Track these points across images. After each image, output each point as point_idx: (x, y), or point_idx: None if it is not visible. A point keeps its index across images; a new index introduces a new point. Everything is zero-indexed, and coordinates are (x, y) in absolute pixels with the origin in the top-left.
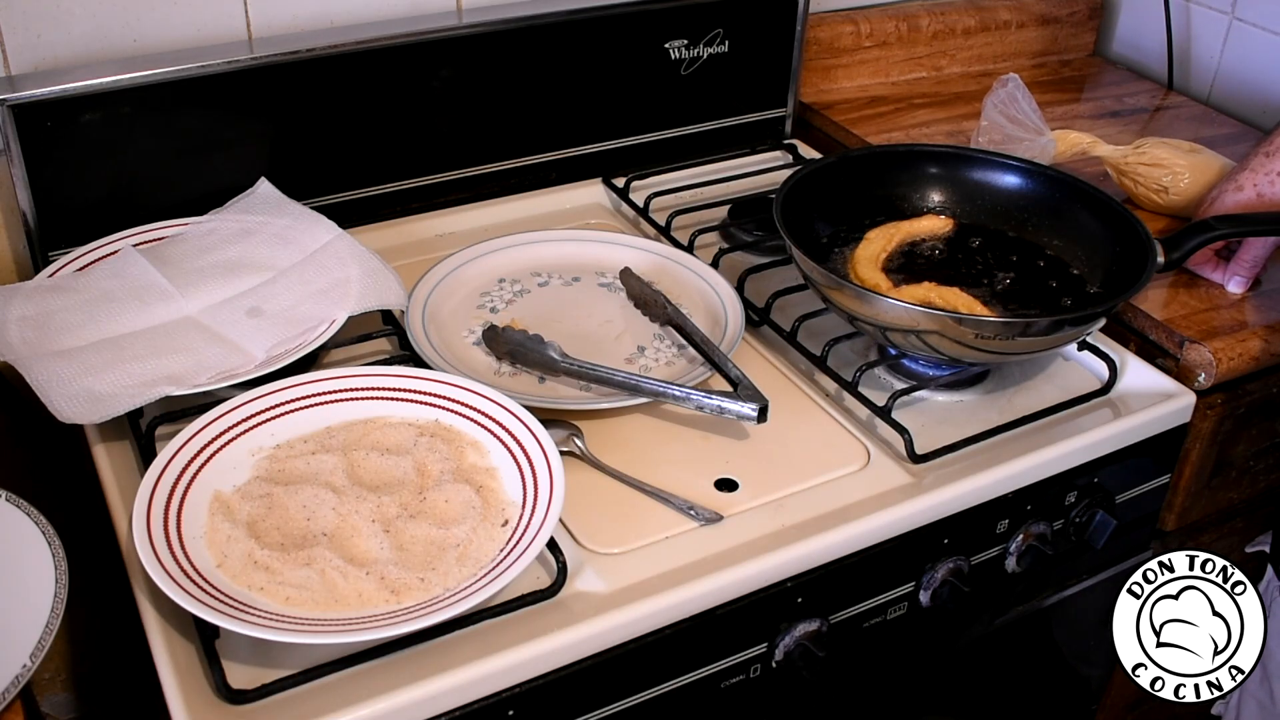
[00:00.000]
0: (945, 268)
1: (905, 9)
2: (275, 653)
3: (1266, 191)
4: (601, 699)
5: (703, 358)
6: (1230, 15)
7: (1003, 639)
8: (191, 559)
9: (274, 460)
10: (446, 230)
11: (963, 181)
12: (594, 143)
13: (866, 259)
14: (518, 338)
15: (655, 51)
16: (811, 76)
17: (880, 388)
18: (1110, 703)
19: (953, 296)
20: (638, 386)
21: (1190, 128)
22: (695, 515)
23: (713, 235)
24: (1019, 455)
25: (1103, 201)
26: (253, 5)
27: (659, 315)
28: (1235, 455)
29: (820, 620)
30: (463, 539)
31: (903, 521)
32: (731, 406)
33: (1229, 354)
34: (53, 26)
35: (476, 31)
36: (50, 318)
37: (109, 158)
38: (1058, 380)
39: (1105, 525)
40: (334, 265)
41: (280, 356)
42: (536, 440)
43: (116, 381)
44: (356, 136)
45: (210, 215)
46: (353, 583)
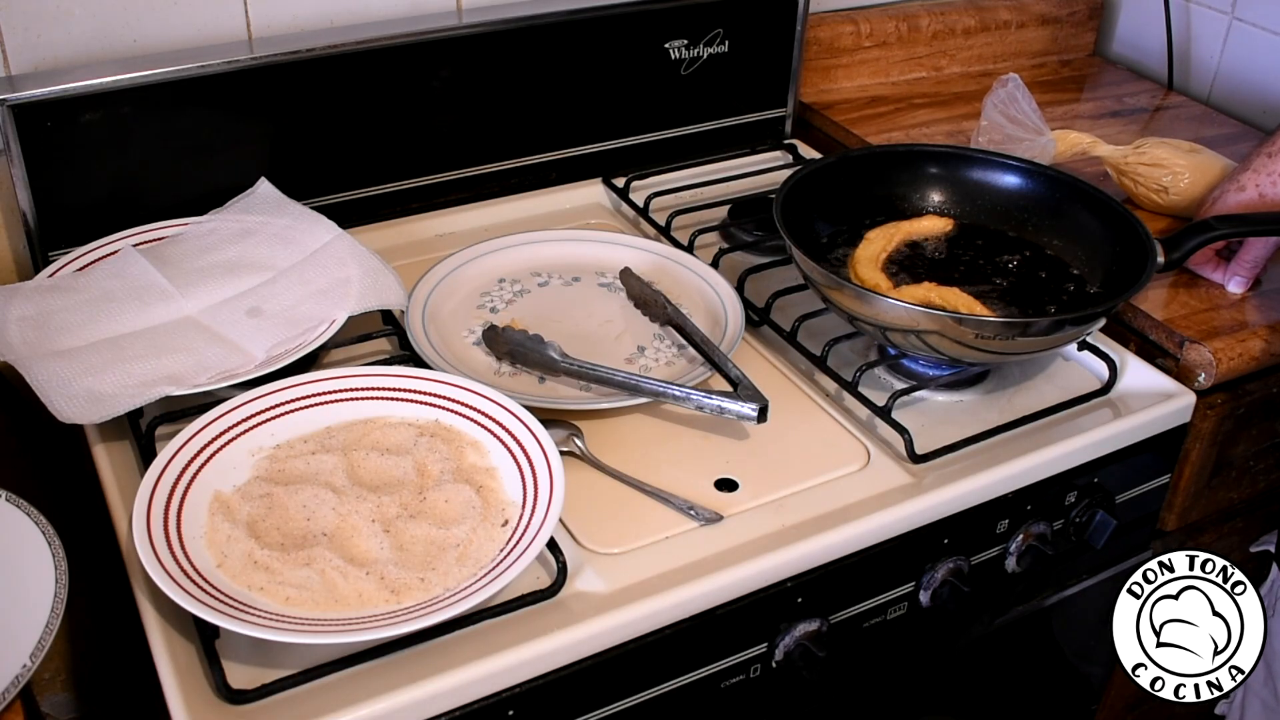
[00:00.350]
0: (945, 268)
1: (905, 9)
2: (275, 653)
3: (1268, 191)
4: (601, 699)
5: (703, 358)
6: (1230, 15)
7: (1003, 639)
8: (191, 559)
9: (274, 460)
10: (446, 230)
11: (963, 181)
12: (594, 143)
13: (866, 259)
14: (518, 338)
15: (655, 51)
16: (811, 76)
17: (880, 388)
18: (1110, 703)
19: (953, 296)
20: (638, 386)
21: (1190, 128)
22: (695, 515)
23: (713, 235)
24: (1019, 455)
25: (1103, 201)
26: (253, 5)
27: (659, 315)
28: (1235, 455)
29: (820, 620)
30: (463, 539)
31: (903, 521)
32: (731, 406)
33: (1229, 354)
34: (53, 26)
35: (476, 31)
36: (50, 318)
37: (109, 158)
38: (1058, 380)
39: (1105, 525)
40: (334, 265)
41: (280, 356)
42: (536, 440)
43: (116, 381)
44: (356, 136)
45: (210, 215)
46: (353, 583)
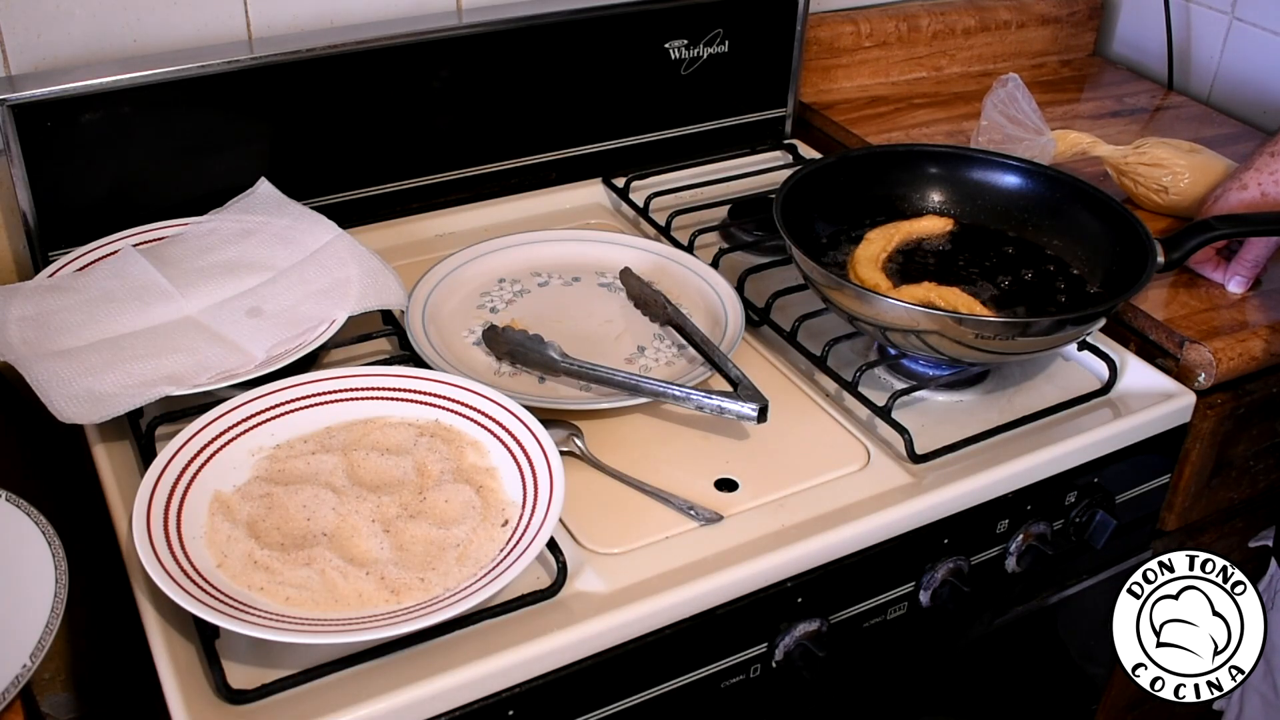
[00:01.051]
0: (945, 268)
1: (905, 9)
2: (275, 653)
3: (1271, 191)
4: (601, 699)
5: (703, 358)
6: (1230, 15)
7: (1003, 639)
8: (191, 559)
9: (274, 460)
10: (446, 230)
11: (963, 181)
12: (594, 143)
13: (866, 259)
14: (518, 338)
15: (655, 51)
16: (811, 76)
17: (880, 388)
18: (1110, 703)
19: (952, 296)
20: (637, 386)
21: (1190, 128)
22: (695, 515)
23: (713, 235)
24: (1019, 455)
25: (1103, 201)
26: (253, 5)
27: (659, 315)
28: (1235, 455)
29: (820, 620)
30: (463, 539)
31: (903, 521)
32: (731, 406)
33: (1229, 354)
34: (53, 26)
35: (476, 31)
36: (50, 318)
37: (109, 158)
38: (1058, 380)
39: (1105, 525)
40: (334, 265)
41: (280, 356)
42: (536, 440)
43: (116, 381)
44: (356, 136)
45: (210, 215)
46: (353, 583)
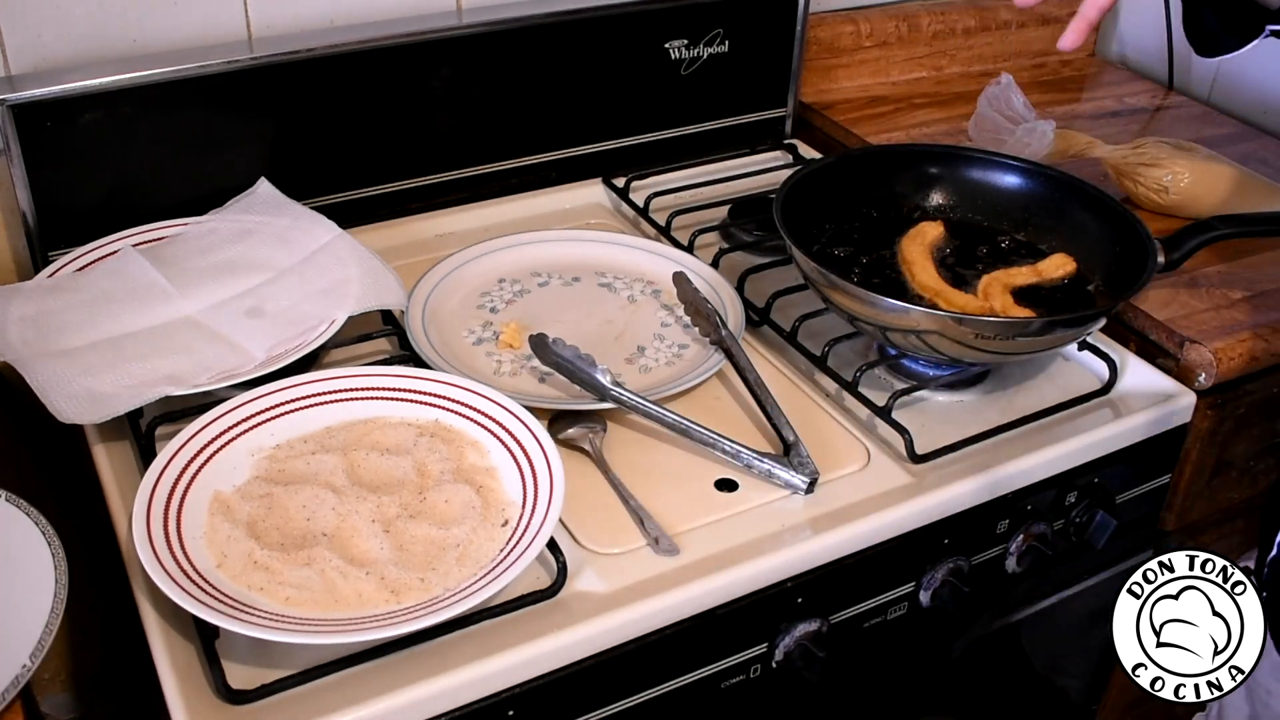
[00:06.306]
0: (945, 268)
1: (905, 9)
2: (275, 653)
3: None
4: (601, 699)
5: (757, 405)
6: None
7: (1003, 639)
8: (191, 559)
9: (274, 460)
10: (446, 230)
11: (963, 181)
12: (594, 143)
13: (918, 258)
14: (568, 354)
15: (655, 51)
16: (811, 76)
17: (880, 388)
18: (1110, 703)
19: (998, 292)
20: (687, 431)
21: (1190, 128)
22: (657, 546)
23: (713, 235)
24: (1019, 455)
25: (1103, 201)
26: (253, 5)
27: (710, 333)
28: (1235, 455)
29: (820, 620)
30: (463, 539)
31: (903, 521)
32: (781, 474)
33: (1229, 354)
34: (53, 26)
35: (476, 31)
36: (50, 318)
37: (109, 158)
38: (1058, 380)
39: (1105, 525)
40: (334, 265)
41: (280, 356)
42: (536, 440)
43: (116, 381)
44: (356, 136)
45: (210, 215)
46: (353, 583)
